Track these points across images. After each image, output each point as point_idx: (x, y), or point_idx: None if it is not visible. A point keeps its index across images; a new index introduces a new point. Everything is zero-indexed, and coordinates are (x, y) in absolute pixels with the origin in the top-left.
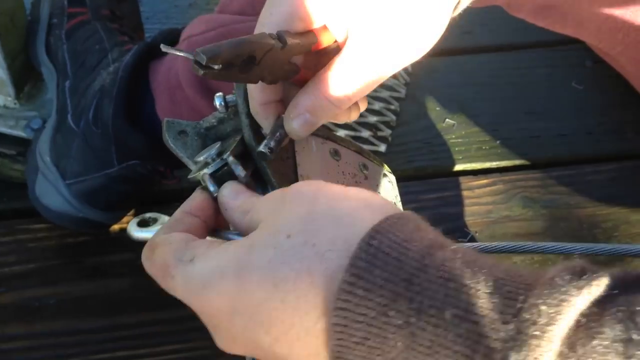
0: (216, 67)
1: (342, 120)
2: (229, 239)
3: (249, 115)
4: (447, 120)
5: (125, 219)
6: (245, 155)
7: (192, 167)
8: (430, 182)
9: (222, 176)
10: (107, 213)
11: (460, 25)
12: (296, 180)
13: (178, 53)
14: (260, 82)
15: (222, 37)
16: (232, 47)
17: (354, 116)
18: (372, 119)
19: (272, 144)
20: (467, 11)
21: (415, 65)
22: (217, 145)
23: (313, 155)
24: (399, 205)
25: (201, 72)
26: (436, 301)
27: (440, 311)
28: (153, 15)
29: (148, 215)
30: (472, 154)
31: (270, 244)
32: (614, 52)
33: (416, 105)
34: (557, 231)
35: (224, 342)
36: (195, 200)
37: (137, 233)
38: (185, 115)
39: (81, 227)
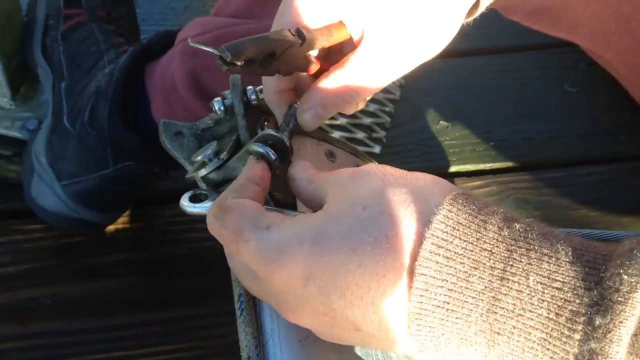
0: (239, 63)
1: (349, 111)
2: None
3: (245, 116)
4: (441, 122)
5: (120, 220)
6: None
7: (189, 167)
8: None
9: (217, 177)
10: (102, 214)
11: None
12: None
13: (205, 48)
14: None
15: (217, 40)
16: (255, 44)
17: (360, 106)
18: (367, 120)
19: (287, 134)
20: None
21: None
22: (214, 144)
23: (308, 156)
24: None
25: (225, 67)
26: (518, 269)
27: (524, 278)
28: (149, 17)
29: (199, 191)
30: (466, 155)
31: (347, 214)
32: (608, 55)
33: (411, 107)
34: None
35: (291, 311)
36: (257, 168)
37: (192, 208)
38: (180, 117)
39: (76, 228)
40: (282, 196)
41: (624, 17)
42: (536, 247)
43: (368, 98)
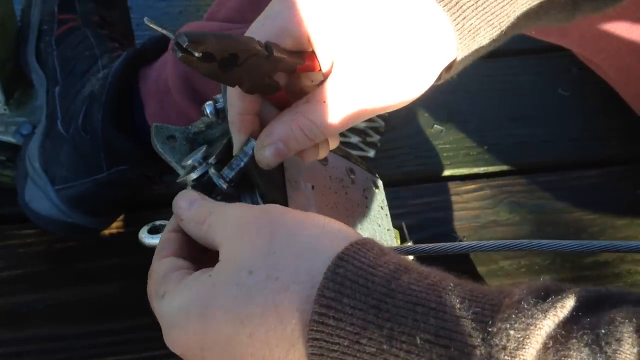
0: (196, 54)
1: (309, 157)
2: None
3: None
4: (435, 126)
5: (114, 224)
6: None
7: (181, 171)
8: (418, 188)
9: (209, 180)
10: (96, 218)
11: None
12: (283, 184)
13: (162, 30)
14: (239, 90)
15: None
16: (217, 39)
17: (322, 154)
18: (361, 124)
19: (232, 175)
20: None
21: None
22: (203, 148)
23: (299, 160)
24: (386, 210)
25: (179, 54)
26: (406, 327)
27: (411, 336)
28: (143, 22)
29: (158, 222)
30: (460, 159)
31: (232, 281)
32: (597, 59)
33: (405, 111)
34: (544, 236)
35: None
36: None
37: (148, 240)
38: (174, 121)
39: (70, 233)
40: (274, 200)
41: (612, 20)
42: (423, 301)
43: (333, 146)
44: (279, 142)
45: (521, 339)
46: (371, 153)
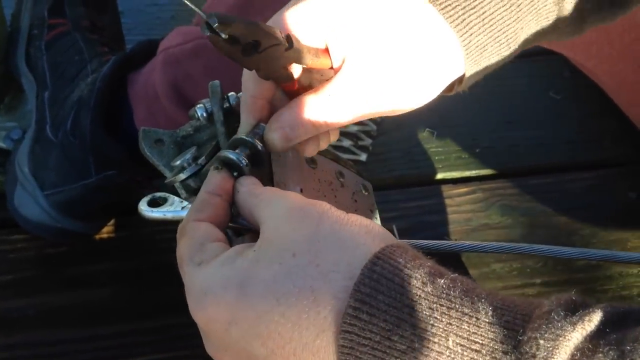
0: (223, 35)
1: (310, 149)
2: (244, 225)
3: (224, 123)
4: (427, 129)
5: (104, 229)
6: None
7: (169, 174)
8: (410, 191)
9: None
10: (85, 223)
11: None
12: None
13: (194, 8)
14: (255, 75)
15: (199, 49)
16: (245, 23)
17: (323, 145)
18: (353, 128)
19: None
20: None
21: None
22: (193, 149)
23: (289, 163)
24: (376, 213)
25: (207, 33)
26: (438, 329)
27: (443, 338)
28: (135, 27)
29: (158, 195)
30: (451, 162)
31: (275, 260)
32: (589, 64)
33: (397, 114)
34: (536, 239)
35: (215, 350)
36: (216, 179)
37: (149, 213)
38: (162, 126)
39: (60, 238)
40: None
41: (603, 26)
42: (457, 306)
43: (333, 139)
44: (287, 127)
45: (550, 348)
46: (363, 156)
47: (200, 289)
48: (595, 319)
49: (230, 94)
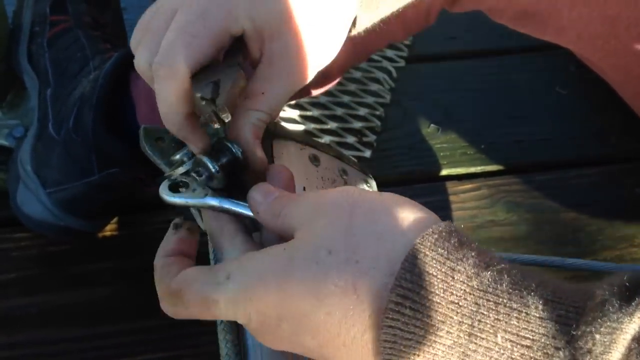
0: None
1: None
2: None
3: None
4: (431, 125)
5: (107, 227)
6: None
7: (168, 171)
8: (415, 187)
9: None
10: (88, 221)
11: (445, 31)
12: None
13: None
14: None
15: None
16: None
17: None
18: (357, 124)
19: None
20: (451, 17)
21: (400, 70)
22: None
23: (292, 160)
24: None
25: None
26: (486, 325)
27: (492, 334)
28: (137, 23)
29: (178, 178)
30: (456, 159)
31: (311, 258)
32: (595, 58)
33: (401, 110)
34: (541, 235)
35: (272, 343)
36: (171, 243)
37: (171, 198)
38: None
39: (63, 236)
40: None
41: (609, 19)
42: (505, 301)
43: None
44: (250, 138)
45: (607, 343)
46: (367, 153)
47: (242, 295)
48: None
49: None
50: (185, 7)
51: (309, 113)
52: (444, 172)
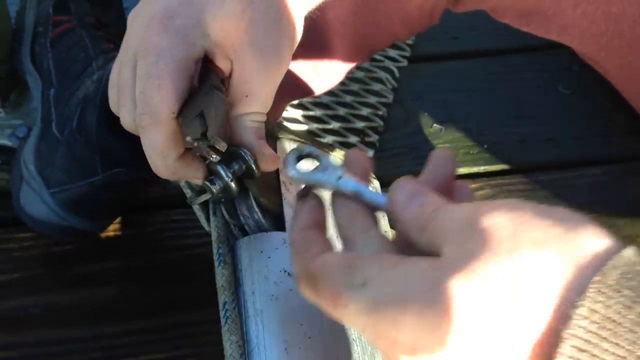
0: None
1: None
2: None
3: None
4: (434, 125)
5: (111, 227)
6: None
7: None
8: None
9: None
10: (92, 222)
11: (447, 30)
12: (278, 185)
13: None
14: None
15: None
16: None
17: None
18: (360, 124)
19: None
20: (454, 17)
21: (402, 70)
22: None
23: None
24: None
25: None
26: None
27: None
28: None
29: (307, 150)
30: (459, 158)
31: (463, 284)
32: (598, 57)
33: (404, 110)
34: None
35: None
36: (306, 213)
37: (298, 175)
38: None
39: (66, 236)
40: (268, 202)
41: (613, 17)
42: None
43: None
44: (254, 140)
45: None
46: (370, 153)
47: (374, 308)
48: None
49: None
50: (141, 53)
51: (311, 113)
52: None
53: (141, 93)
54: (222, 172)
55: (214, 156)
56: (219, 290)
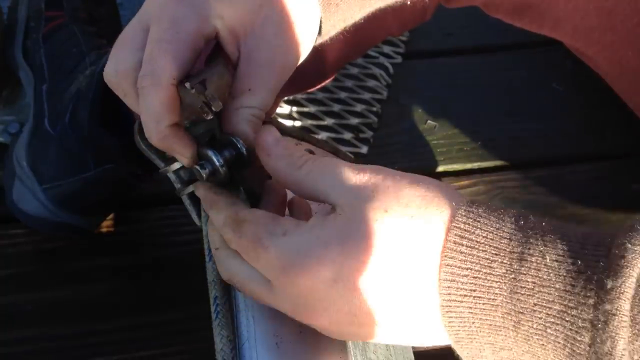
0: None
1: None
2: None
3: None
4: (428, 121)
5: (104, 224)
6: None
7: (162, 166)
8: None
9: (191, 172)
10: (85, 218)
11: (441, 27)
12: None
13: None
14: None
15: None
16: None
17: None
18: (354, 120)
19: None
20: (448, 13)
21: (396, 66)
22: None
23: None
24: None
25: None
26: (535, 251)
27: (541, 258)
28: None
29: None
30: (453, 155)
31: (371, 218)
32: (591, 52)
33: (398, 107)
34: None
35: (310, 313)
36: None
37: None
38: None
39: (59, 232)
40: (259, 193)
41: (605, 12)
42: (550, 234)
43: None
44: (250, 132)
45: (638, 250)
46: (364, 149)
47: (297, 253)
48: None
49: None
50: (155, 20)
51: (305, 109)
52: (441, 169)
53: (148, 55)
54: (212, 156)
55: (209, 117)
56: (209, 285)
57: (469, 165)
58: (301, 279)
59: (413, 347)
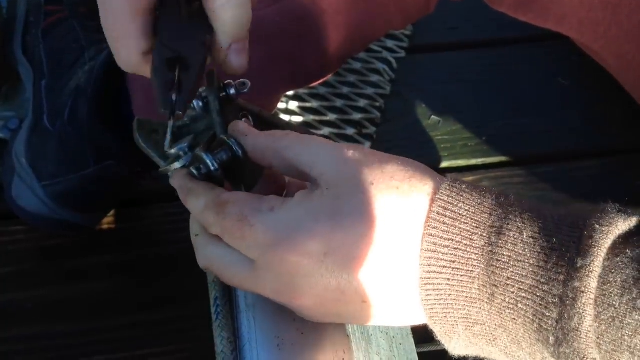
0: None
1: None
2: None
3: (220, 113)
4: (432, 117)
5: (104, 221)
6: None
7: (163, 165)
8: None
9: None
10: (84, 215)
11: (445, 21)
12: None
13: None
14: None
15: None
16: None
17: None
18: (357, 116)
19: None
20: (452, 7)
21: (400, 61)
22: (190, 138)
23: None
24: None
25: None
26: (514, 226)
27: (518, 233)
28: None
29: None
30: (457, 150)
31: (358, 190)
32: (596, 46)
33: (401, 102)
34: None
35: (296, 292)
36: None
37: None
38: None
39: (58, 229)
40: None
41: (611, 6)
42: (529, 212)
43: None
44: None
45: (604, 230)
46: (367, 145)
47: (286, 228)
48: (635, 221)
49: (227, 81)
50: None
51: (308, 104)
52: (445, 164)
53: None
54: (207, 160)
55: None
56: (210, 285)
57: (473, 161)
58: (290, 254)
59: (417, 348)
